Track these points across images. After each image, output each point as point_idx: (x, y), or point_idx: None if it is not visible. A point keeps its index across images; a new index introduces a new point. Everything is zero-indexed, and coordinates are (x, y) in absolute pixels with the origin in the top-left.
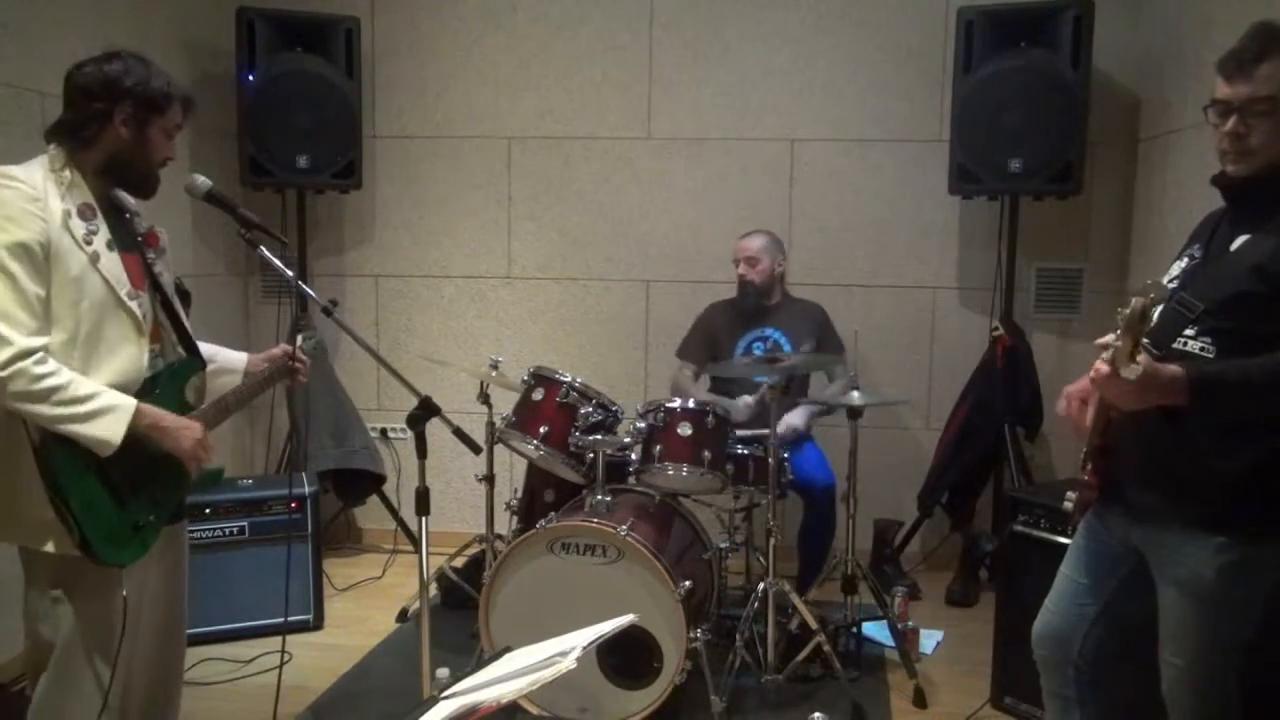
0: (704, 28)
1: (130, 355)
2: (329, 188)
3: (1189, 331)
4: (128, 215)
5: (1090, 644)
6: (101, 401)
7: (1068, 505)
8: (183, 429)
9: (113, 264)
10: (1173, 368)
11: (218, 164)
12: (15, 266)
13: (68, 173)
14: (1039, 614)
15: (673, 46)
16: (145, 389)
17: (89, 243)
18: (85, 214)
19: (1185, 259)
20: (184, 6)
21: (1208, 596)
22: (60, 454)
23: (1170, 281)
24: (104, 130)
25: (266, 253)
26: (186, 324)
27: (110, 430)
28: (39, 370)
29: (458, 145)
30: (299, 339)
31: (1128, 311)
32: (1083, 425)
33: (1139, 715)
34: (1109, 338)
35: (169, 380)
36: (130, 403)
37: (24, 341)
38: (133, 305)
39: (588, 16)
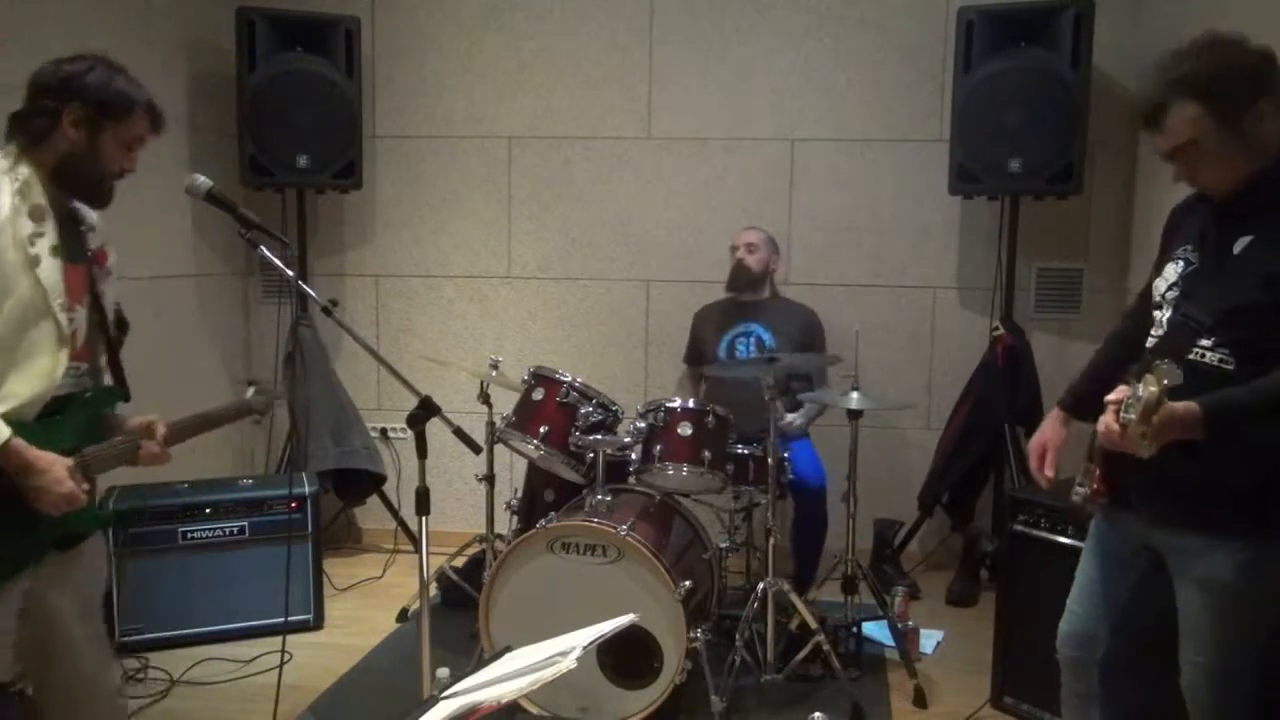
0: (704, 28)
1: (44, 366)
2: (329, 187)
3: (1204, 343)
4: (82, 228)
5: (1113, 643)
6: None
7: (1076, 499)
8: (53, 482)
9: (52, 271)
10: (1186, 405)
11: (218, 164)
12: None
13: (23, 168)
14: (1064, 614)
15: (673, 46)
16: (50, 407)
17: (32, 244)
18: (35, 215)
19: (1180, 261)
20: (184, 6)
21: (1227, 595)
22: None
23: (1170, 288)
24: (52, 129)
25: (267, 253)
26: (119, 353)
27: None
28: None
29: (458, 145)
30: (250, 390)
31: (1144, 395)
32: (1048, 479)
33: (1159, 713)
34: (1120, 393)
35: (81, 406)
36: (4, 433)
37: None
38: (62, 317)
39: (588, 16)
